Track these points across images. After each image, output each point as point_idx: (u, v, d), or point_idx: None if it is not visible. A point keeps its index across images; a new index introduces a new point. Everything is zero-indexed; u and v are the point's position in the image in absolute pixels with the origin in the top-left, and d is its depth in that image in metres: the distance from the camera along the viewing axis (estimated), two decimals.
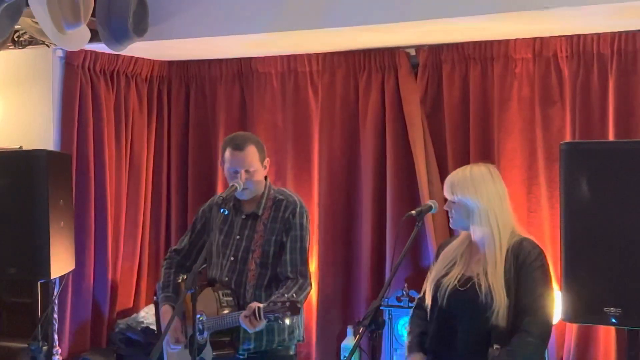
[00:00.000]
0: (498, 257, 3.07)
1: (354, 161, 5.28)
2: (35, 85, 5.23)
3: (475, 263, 3.15)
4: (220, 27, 4.85)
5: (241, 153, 3.56)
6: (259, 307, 3.28)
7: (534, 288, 3.04)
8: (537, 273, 3.06)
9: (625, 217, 2.86)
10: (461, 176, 3.17)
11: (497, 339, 3.01)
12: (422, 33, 4.69)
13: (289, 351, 3.69)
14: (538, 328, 3.02)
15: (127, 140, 5.55)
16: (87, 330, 5.34)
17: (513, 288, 3.04)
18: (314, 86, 5.37)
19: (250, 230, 3.63)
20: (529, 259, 3.07)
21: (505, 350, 2.99)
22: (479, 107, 4.91)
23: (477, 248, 3.19)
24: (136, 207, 5.61)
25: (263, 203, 3.63)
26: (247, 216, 3.66)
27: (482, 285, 3.05)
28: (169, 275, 3.80)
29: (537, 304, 3.03)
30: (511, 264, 3.07)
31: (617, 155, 2.93)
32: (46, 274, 4.13)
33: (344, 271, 5.29)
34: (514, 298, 3.03)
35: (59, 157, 4.63)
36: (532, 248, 3.12)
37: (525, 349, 3.00)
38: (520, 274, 3.05)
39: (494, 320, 3.01)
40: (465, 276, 3.14)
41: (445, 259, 3.24)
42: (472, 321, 3.08)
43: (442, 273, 3.21)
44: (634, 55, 4.52)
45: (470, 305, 3.07)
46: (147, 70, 5.64)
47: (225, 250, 3.66)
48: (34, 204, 4.13)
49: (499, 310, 3.01)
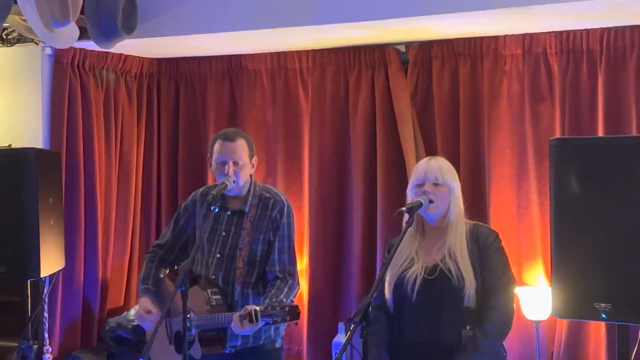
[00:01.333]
0: (463, 239, 3.21)
1: (344, 158, 5.28)
2: (24, 83, 5.21)
3: (437, 251, 3.23)
4: (209, 24, 4.84)
5: (231, 144, 3.56)
6: (256, 309, 3.27)
7: (497, 268, 3.20)
8: (497, 254, 3.24)
9: (615, 212, 2.86)
10: (442, 162, 3.30)
11: (469, 320, 3.14)
12: (412, 30, 4.70)
13: (275, 344, 3.68)
14: (505, 305, 3.17)
15: (117, 138, 5.53)
16: (78, 329, 5.33)
17: (478, 270, 3.17)
18: (304, 83, 5.36)
19: (236, 227, 3.62)
20: (488, 241, 3.24)
21: (479, 329, 3.12)
22: (468, 103, 4.92)
23: (434, 238, 3.26)
24: (126, 205, 5.59)
25: (250, 200, 3.62)
26: (233, 213, 3.64)
27: (451, 269, 3.16)
28: (151, 268, 3.78)
29: (501, 283, 3.19)
30: (472, 247, 3.21)
31: (607, 151, 2.93)
32: (36, 272, 4.11)
33: (334, 268, 5.29)
34: (479, 280, 3.16)
35: (49, 155, 4.60)
36: (489, 231, 3.30)
37: (497, 325, 3.15)
38: (482, 256, 3.20)
39: (466, 302, 3.13)
40: (430, 266, 3.21)
41: (399, 258, 3.27)
42: (447, 306, 3.16)
43: (400, 271, 3.25)
44: (623, 51, 4.53)
45: (444, 290, 3.16)
46: (136, 68, 5.62)
47: (210, 246, 3.65)
48: (23, 202, 4.11)
49: (470, 291, 3.13)
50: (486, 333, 3.12)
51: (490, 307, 3.15)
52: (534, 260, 4.70)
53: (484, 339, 3.11)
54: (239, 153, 3.56)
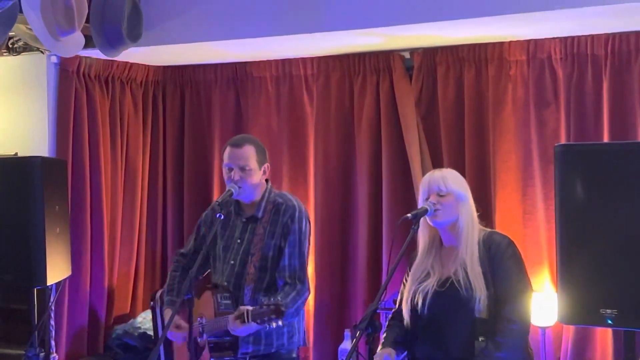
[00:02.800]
0: (475, 248, 3.16)
1: (349, 164, 5.28)
2: (29, 92, 5.22)
3: (452, 263, 3.21)
4: (214, 32, 4.85)
5: (238, 150, 3.58)
6: (248, 310, 3.28)
7: (509, 277, 3.14)
8: (510, 262, 3.17)
9: (620, 218, 2.85)
10: (446, 172, 3.30)
11: (481, 331, 3.08)
12: (417, 36, 4.70)
13: (292, 354, 3.68)
14: (519, 315, 3.11)
15: (123, 146, 5.54)
16: (84, 337, 5.33)
17: (490, 279, 3.12)
18: (309, 90, 5.37)
19: (250, 234, 3.63)
20: (500, 249, 3.18)
21: (491, 340, 3.05)
22: (473, 109, 4.91)
23: (449, 250, 3.25)
24: (132, 212, 5.60)
25: (263, 206, 3.63)
26: (247, 219, 3.66)
27: (460, 280, 3.12)
28: (175, 278, 3.80)
29: (514, 291, 3.12)
30: (484, 256, 3.16)
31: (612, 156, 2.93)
32: (42, 280, 4.12)
33: (340, 274, 5.29)
34: (492, 289, 3.11)
35: (55, 163, 4.61)
36: (502, 238, 3.24)
37: (510, 336, 3.07)
38: (493, 265, 3.15)
39: (476, 312, 3.08)
40: (443, 278, 3.20)
41: (416, 273, 3.28)
42: (457, 318, 3.13)
43: (416, 284, 3.25)
44: (628, 56, 4.52)
45: (453, 301, 3.13)
46: (142, 76, 5.64)
47: (226, 254, 3.67)
48: (29, 210, 4.12)
49: (480, 302, 3.08)
50: (498, 345, 3.05)
51: (504, 318, 3.08)
52: (540, 265, 4.70)
53: (495, 351, 3.05)
54: (246, 159, 3.57)
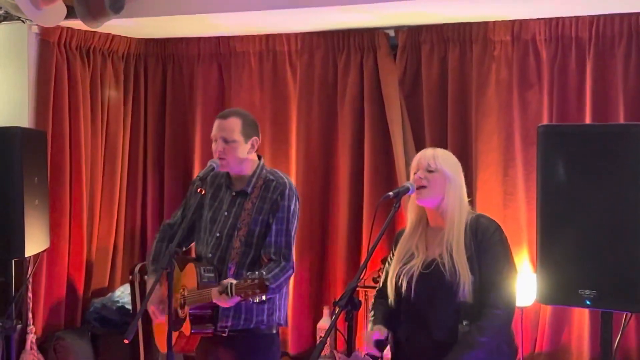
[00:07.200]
0: (461, 231, 3.13)
1: (331, 141, 5.27)
2: (10, 62, 5.17)
3: (437, 246, 3.17)
4: (198, 5, 4.81)
5: (223, 121, 3.56)
6: (232, 283, 3.27)
7: (495, 263, 3.11)
8: (496, 248, 3.13)
9: (600, 200, 2.87)
10: (440, 151, 3.24)
11: (465, 315, 3.06)
12: (402, 14, 4.68)
13: (271, 330, 3.66)
14: (504, 301, 3.09)
15: (103, 119, 5.51)
16: (62, 309, 5.32)
17: (476, 264, 3.09)
18: (292, 66, 5.35)
19: (238, 208, 3.61)
20: (487, 234, 3.13)
21: (475, 325, 3.04)
22: (457, 89, 4.91)
23: (435, 231, 3.22)
24: (112, 186, 5.57)
25: (253, 182, 3.61)
26: (237, 194, 3.63)
27: (445, 264, 3.09)
28: (160, 248, 3.76)
29: (500, 277, 3.10)
30: (470, 240, 3.12)
31: (594, 138, 2.94)
32: (20, 252, 4.10)
33: (320, 251, 5.30)
34: (478, 274, 3.08)
35: (34, 134, 4.58)
36: (489, 223, 3.19)
37: (493, 322, 3.06)
38: (480, 250, 3.11)
39: (461, 297, 3.06)
40: (428, 260, 3.17)
41: (401, 253, 3.26)
42: (441, 301, 3.10)
43: (400, 265, 3.23)
44: (611, 39, 4.53)
45: (437, 285, 3.11)
46: (123, 48, 5.58)
47: (212, 226, 3.64)
48: (8, 181, 4.09)
49: (465, 286, 3.06)
50: (481, 329, 3.03)
51: (489, 303, 3.06)
52: (519, 246, 4.71)
53: (478, 335, 3.03)
54: (229, 131, 3.53)
